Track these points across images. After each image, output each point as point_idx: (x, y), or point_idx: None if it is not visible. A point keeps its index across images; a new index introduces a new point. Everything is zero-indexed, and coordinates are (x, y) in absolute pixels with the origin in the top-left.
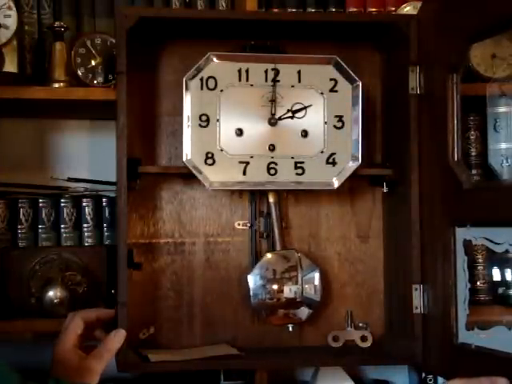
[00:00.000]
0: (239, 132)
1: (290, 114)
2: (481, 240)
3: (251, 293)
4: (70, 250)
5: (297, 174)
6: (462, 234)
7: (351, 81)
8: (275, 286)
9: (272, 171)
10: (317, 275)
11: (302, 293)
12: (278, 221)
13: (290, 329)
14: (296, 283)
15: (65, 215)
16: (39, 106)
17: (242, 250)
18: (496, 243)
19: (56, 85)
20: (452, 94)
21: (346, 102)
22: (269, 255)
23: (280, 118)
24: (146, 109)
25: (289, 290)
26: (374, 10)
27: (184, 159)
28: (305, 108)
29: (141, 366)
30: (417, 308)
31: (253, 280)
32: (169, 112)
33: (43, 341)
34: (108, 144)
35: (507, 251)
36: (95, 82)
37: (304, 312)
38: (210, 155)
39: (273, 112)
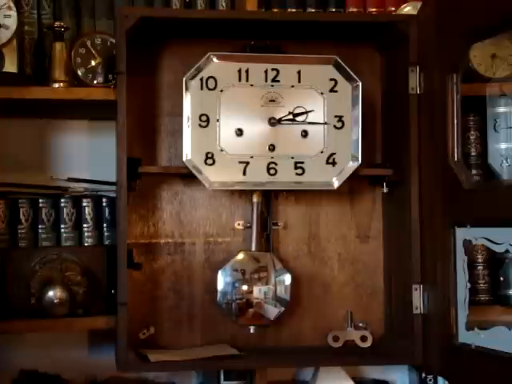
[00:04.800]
0: (239, 132)
1: (290, 117)
2: (481, 240)
3: (218, 292)
4: (69, 250)
5: (297, 174)
6: (462, 233)
7: (351, 81)
8: (245, 287)
9: (272, 171)
10: (288, 276)
11: (276, 293)
12: (258, 221)
13: (252, 330)
14: (266, 284)
15: (65, 215)
16: (39, 106)
17: None
18: (496, 243)
19: (56, 85)
20: (452, 94)
21: (346, 102)
22: (240, 255)
23: (280, 121)
24: (146, 109)
25: (258, 291)
26: (373, 10)
27: (184, 159)
28: (306, 112)
29: (141, 366)
30: (417, 308)
31: (222, 279)
32: (169, 112)
33: None
34: (108, 144)
35: (507, 251)
36: (95, 81)
37: (273, 312)
38: (210, 155)
39: (273, 116)
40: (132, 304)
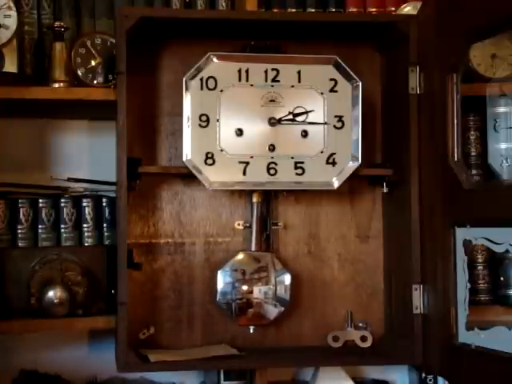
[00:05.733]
0: (239, 132)
1: (290, 117)
2: (481, 240)
3: (218, 292)
4: (70, 249)
5: (297, 174)
6: (462, 234)
7: (351, 81)
8: (245, 287)
9: (272, 171)
10: (287, 276)
11: (276, 293)
12: (258, 221)
13: (251, 330)
14: (266, 284)
15: (65, 215)
16: (39, 106)
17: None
18: (496, 243)
19: (56, 85)
20: (452, 94)
21: (346, 102)
22: (240, 255)
23: (280, 121)
24: (146, 109)
25: (258, 291)
26: (373, 10)
27: (184, 159)
28: (306, 113)
29: (141, 366)
30: (417, 308)
31: (222, 279)
32: (169, 112)
33: None
34: (108, 144)
35: (507, 251)
36: (95, 81)
37: (273, 312)
38: (210, 155)
39: (273, 116)
40: (132, 304)
